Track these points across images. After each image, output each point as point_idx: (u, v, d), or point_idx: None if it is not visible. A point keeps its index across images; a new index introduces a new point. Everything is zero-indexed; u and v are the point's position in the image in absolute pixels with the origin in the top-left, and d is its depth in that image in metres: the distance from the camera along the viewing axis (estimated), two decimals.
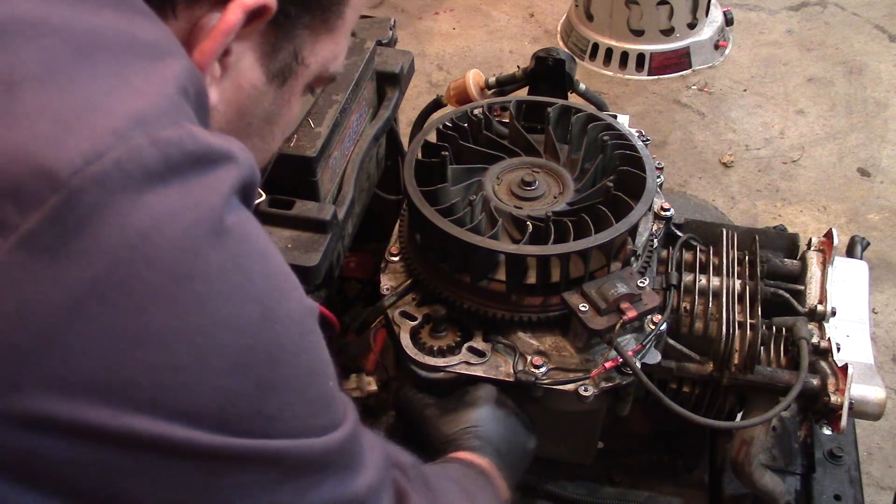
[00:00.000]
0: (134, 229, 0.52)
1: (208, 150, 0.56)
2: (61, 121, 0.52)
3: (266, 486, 0.58)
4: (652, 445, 1.43)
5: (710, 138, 3.12)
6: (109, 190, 0.51)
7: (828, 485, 1.38)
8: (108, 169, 0.51)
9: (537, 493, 1.35)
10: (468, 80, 1.60)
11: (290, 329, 0.60)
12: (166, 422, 0.53)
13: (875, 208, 2.84)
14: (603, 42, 3.43)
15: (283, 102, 0.75)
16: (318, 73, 0.75)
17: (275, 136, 0.79)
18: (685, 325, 1.27)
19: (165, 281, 0.53)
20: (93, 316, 0.51)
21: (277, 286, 0.60)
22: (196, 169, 0.55)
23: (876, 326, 2.44)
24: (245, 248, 0.58)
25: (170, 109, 0.56)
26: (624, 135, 1.28)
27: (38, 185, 0.50)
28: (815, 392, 1.20)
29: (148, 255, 0.52)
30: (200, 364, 0.54)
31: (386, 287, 1.22)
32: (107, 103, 0.54)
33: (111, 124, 0.53)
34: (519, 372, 1.12)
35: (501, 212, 1.19)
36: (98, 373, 0.51)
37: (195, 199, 0.54)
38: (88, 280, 0.51)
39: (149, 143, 0.53)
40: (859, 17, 3.69)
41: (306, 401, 0.61)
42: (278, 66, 0.71)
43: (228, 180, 0.57)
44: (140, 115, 0.54)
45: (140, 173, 0.52)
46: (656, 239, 1.28)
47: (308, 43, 0.72)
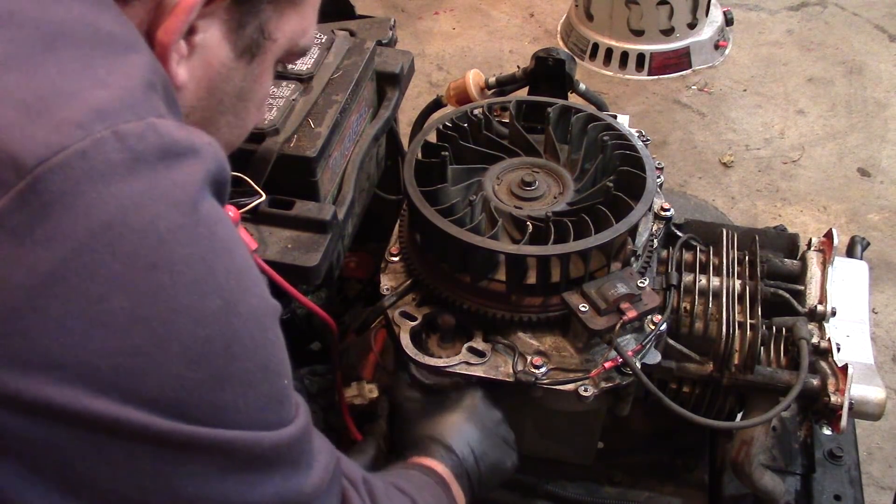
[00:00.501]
0: (98, 217, 0.53)
1: (172, 144, 0.58)
2: (27, 109, 0.54)
3: (215, 476, 0.60)
4: (652, 445, 1.43)
5: (710, 138, 3.12)
6: (74, 179, 0.53)
7: (828, 485, 1.38)
8: (73, 159, 0.53)
9: (537, 493, 1.35)
10: (468, 80, 1.60)
11: (248, 324, 0.61)
12: (123, 405, 0.54)
13: (875, 208, 2.84)
14: (603, 42, 3.43)
15: (254, 78, 0.76)
16: (286, 47, 0.77)
17: (249, 113, 0.80)
18: (685, 325, 1.27)
19: (128, 268, 0.54)
20: (55, 298, 0.53)
21: (240, 281, 0.61)
22: (162, 162, 0.57)
23: (876, 326, 2.44)
24: (210, 242, 0.59)
25: (133, 103, 0.58)
26: (624, 135, 1.28)
27: (4, 171, 0.52)
28: (815, 392, 1.20)
29: (112, 242, 0.54)
30: (159, 351, 0.56)
31: (386, 287, 1.22)
32: (71, 94, 0.56)
33: (75, 117, 0.54)
34: (519, 372, 1.12)
35: (501, 212, 1.19)
36: (59, 354, 0.53)
37: (161, 191, 0.56)
38: (52, 263, 0.52)
39: (111, 135, 0.55)
40: (859, 17, 3.69)
41: (259, 395, 0.62)
42: (246, 42, 0.72)
43: (194, 174, 0.58)
44: (103, 108, 0.56)
45: (104, 165, 0.54)
46: (656, 239, 1.28)
47: (273, 17, 0.73)
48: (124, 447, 0.56)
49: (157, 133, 0.57)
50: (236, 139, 0.82)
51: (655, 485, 1.39)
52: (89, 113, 0.55)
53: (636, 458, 1.42)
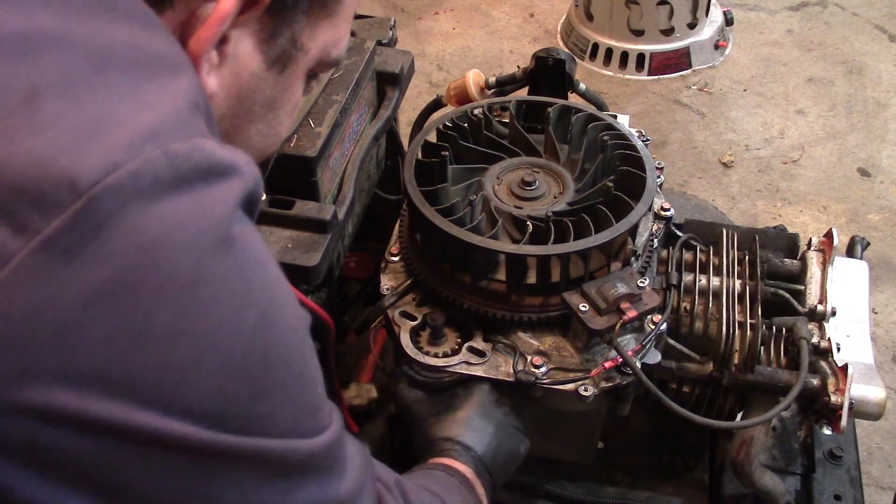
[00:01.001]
0: (145, 235, 0.55)
1: (216, 164, 0.59)
2: (80, 132, 0.55)
3: (253, 483, 0.61)
4: (652, 445, 1.43)
5: (710, 138, 3.12)
6: (124, 198, 0.54)
7: (828, 485, 1.38)
8: (124, 179, 0.54)
9: (537, 493, 1.35)
10: (468, 80, 1.60)
11: (284, 336, 0.63)
12: (166, 417, 0.56)
13: (875, 208, 2.84)
14: (603, 42, 3.43)
15: (285, 88, 0.76)
16: (318, 58, 0.76)
17: (280, 121, 0.80)
18: (685, 325, 1.27)
19: (172, 284, 0.56)
20: (103, 315, 0.54)
21: (275, 295, 0.63)
22: (204, 181, 0.58)
23: (876, 326, 2.44)
24: (247, 258, 0.61)
25: (180, 124, 0.59)
26: (624, 135, 1.28)
27: (60, 193, 0.52)
28: (816, 392, 1.20)
29: (157, 259, 0.55)
30: (200, 364, 0.57)
31: (386, 287, 1.22)
32: (122, 117, 0.57)
33: (127, 137, 0.56)
34: (519, 372, 1.12)
35: (501, 212, 1.19)
36: (104, 368, 0.54)
37: (203, 208, 0.57)
38: (101, 281, 0.54)
39: (161, 155, 0.56)
40: (859, 17, 3.69)
41: (296, 404, 0.64)
42: (277, 53, 0.72)
43: (234, 192, 0.60)
44: (153, 129, 0.57)
45: (152, 183, 0.55)
46: (656, 239, 1.28)
47: (306, 29, 0.73)
48: (167, 457, 0.57)
49: (203, 153, 0.58)
50: (269, 147, 0.82)
51: (655, 485, 1.39)
52: (140, 133, 0.56)
53: (636, 458, 1.42)
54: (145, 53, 0.62)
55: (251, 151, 0.76)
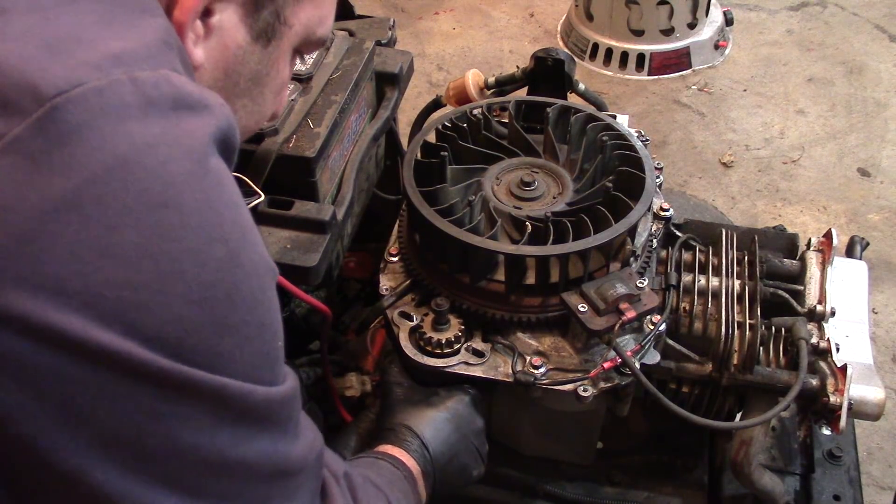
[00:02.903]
0: (113, 152, 0.55)
1: (185, 96, 0.60)
2: (47, 47, 0.56)
3: (209, 423, 0.61)
4: (651, 446, 1.43)
5: (710, 138, 3.12)
6: (91, 113, 0.55)
7: (827, 485, 1.38)
8: (90, 94, 0.55)
9: (537, 493, 1.35)
10: (467, 81, 1.60)
11: (250, 278, 0.63)
12: (125, 338, 0.55)
13: (875, 208, 2.84)
14: (603, 42, 3.43)
15: (271, 63, 0.78)
16: (303, 35, 0.79)
17: (265, 98, 0.82)
18: (684, 325, 1.27)
19: (140, 204, 0.56)
20: (68, 225, 0.54)
21: (245, 235, 0.63)
22: (174, 111, 0.59)
23: (876, 326, 2.44)
24: (220, 193, 0.61)
25: (148, 55, 0.60)
26: (623, 135, 1.28)
27: (23, 99, 0.53)
28: (815, 392, 1.20)
29: (125, 177, 0.55)
30: (164, 288, 0.57)
31: (385, 287, 1.22)
32: (90, 39, 0.58)
33: (93, 59, 0.57)
34: (518, 372, 1.12)
35: (500, 212, 1.19)
36: (66, 279, 0.54)
37: (173, 137, 0.58)
38: (66, 190, 0.54)
39: (127, 80, 0.57)
40: (859, 17, 3.69)
41: (255, 348, 0.64)
42: (262, 26, 0.74)
43: (206, 127, 0.60)
44: (120, 55, 0.58)
45: (119, 104, 0.56)
46: (655, 239, 1.28)
47: (290, 4, 0.75)
48: (124, 382, 0.56)
49: (171, 84, 0.59)
50: (254, 124, 0.84)
51: (655, 485, 1.39)
52: (107, 58, 0.57)
53: (635, 459, 1.42)
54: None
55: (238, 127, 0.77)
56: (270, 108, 0.84)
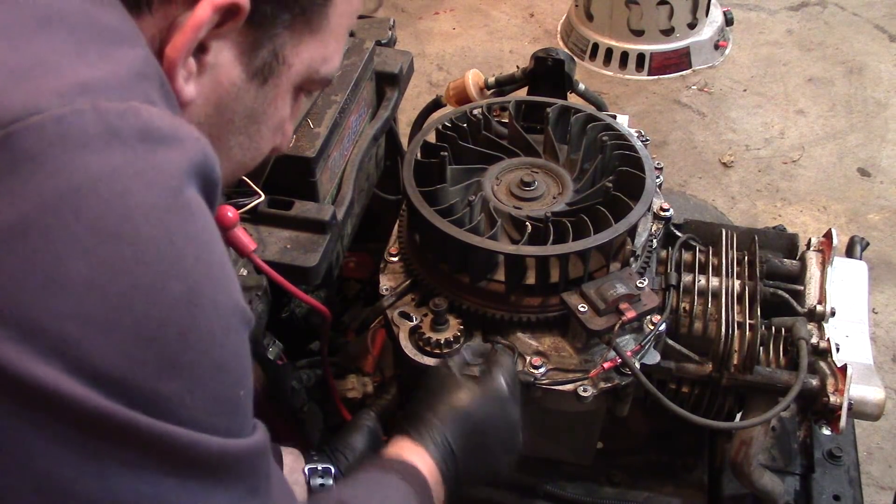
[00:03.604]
0: (67, 181, 0.54)
1: (153, 129, 0.58)
2: (10, 74, 0.55)
3: (149, 473, 0.56)
4: (651, 446, 1.43)
5: (710, 138, 3.12)
6: (47, 141, 0.53)
7: (827, 485, 1.38)
8: (48, 123, 0.54)
9: (537, 493, 1.35)
10: (467, 81, 1.60)
11: (210, 318, 0.59)
12: (65, 374, 0.52)
13: (875, 208, 2.84)
14: (603, 42, 3.43)
15: (268, 101, 0.75)
16: (305, 74, 0.76)
17: (262, 135, 0.79)
18: (684, 325, 1.27)
19: (91, 235, 0.54)
20: (13, 253, 0.52)
21: (210, 274, 0.60)
22: (141, 144, 0.57)
23: (876, 326, 2.44)
24: (184, 228, 0.58)
25: (118, 86, 0.59)
26: (623, 135, 1.28)
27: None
28: (815, 392, 1.20)
29: (78, 206, 0.54)
30: (109, 323, 0.54)
31: (385, 287, 1.22)
32: (56, 68, 0.57)
33: (57, 86, 0.55)
34: (518, 372, 1.12)
35: (500, 212, 1.19)
36: (9, 308, 0.52)
37: (136, 169, 0.56)
38: (14, 218, 0.52)
39: (91, 108, 0.55)
40: (859, 17, 3.69)
41: (209, 394, 0.59)
42: (258, 65, 0.71)
43: (175, 161, 0.58)
44: (87, 84, 0.57)
45: (79, 133, 0.54)
46: (655, 239, 1.28)
47: (289, 43, 0.72)
48: (60, 420, 0.53)
49: (138, 116, 0.57)
50: (250, 161, 0.81)
51: (655, 485, 1.39)
52: (72, 86, 0.56)
53: (635, 459, 1.42)
54: (96, 22, 0.62)
55: (231, 163, 0.75)
56: (269, 145, 0.81)
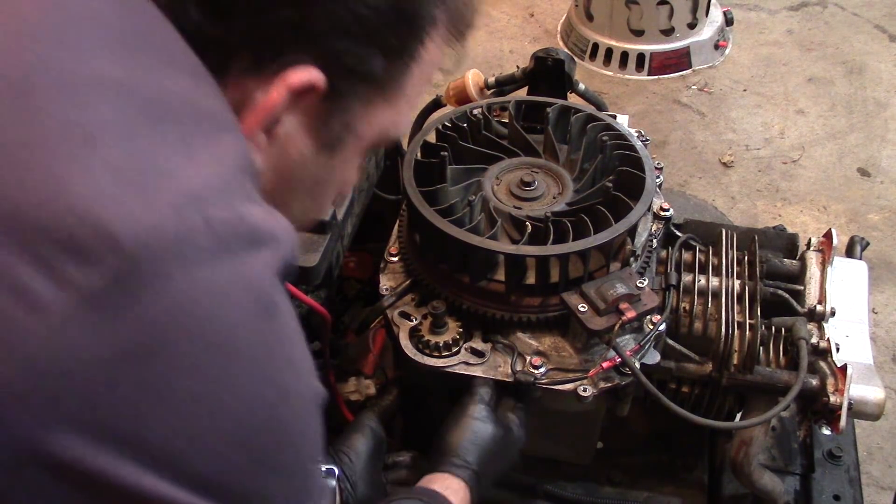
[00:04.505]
0: (181, 301, 0.54)
1: (255, 232, 0.58)
2: (125, 182, 0.54)
3: None
4: (651, 446, 1.43)
5: (710, 138, 3.12)
6: (166, 262, 0.53)
7: (827, 485, 1.38)
8: (167, 243, 0.54)
9: (536, 493, 1.35)
10: (467, 81, 1.60)
11: (298, 414, 0.63)
12: (174, 485, 0.55)
13: (875, 208, 2.84)
14: (603, 42, 3.43)
15: (335, 168, 0.75)
16: (375, 140, 0.75)
17: (326, 196, 0.80)
18: (684, 325, 1.27)
19: (198, 352, 0.55)
20: (130, 374, 0.53)
21: (298, 372, 0.63)
22: (244, 249, 0.57)
23: (876, 326, 2.44)
24: (278, 333, 0.60)
25: (224, 188, 0.58)
26: (623, 135, 1.28)
27: (101, 248, 0.52)
28: (815, 392, 1.20)
29: (188, 326, 0.55)
30: (213, 433, 0.57)
31: (385, 287, 1.22)
32: (169, 173, 0.56)
33: (171, 198, 0.55)
34: (518, 372, 1.12)
35: (500, 212, 1.19)
36: (124, 428, 0.53)
37: (239, 278, 0.57)
38: (133, 341, 0.53)
39: (202, 221, 0.55)
40: (859, 17, 3.69)
41: (296, 485, 0.63)
42: (328, 137, 0.71)
43: (272, 262, 0.59)
44: (197, 192, 0.56)
45: (193, 250, 0.55)
46: (655, 239, 1.28)
47: (361, 114, 0.71)
48: None
49: (244, 221, 0.58)
50: (309, 221, 0.82)
51: (655, 485, 1.39)
52: (185, 196, 0.56)
53: (635, 459, 1.42)
54: (199, 109, 0.61)
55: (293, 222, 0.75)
56: (330, 202, 0.82)
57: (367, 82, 0.69)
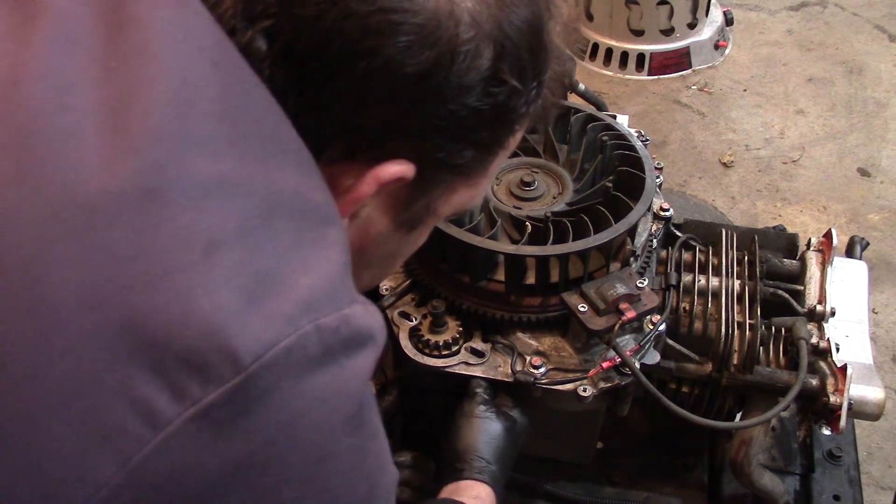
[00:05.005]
0: (288, 412, 0.55)
1: (357, 335, 0.59)
2: (246, 294, 0.54)
3: None
4: (651, 446, 1.43)
5: (710, 138, 3.12)
6: (278, 376, 0.54)
7: (827, 485, 1.38)
8: (280, 357, 0.54)
9: (537, 493, 1.35)
10: None
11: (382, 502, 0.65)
12: None
13: (875, 208, 2.84)
14: (603, 42, 3.43)
15: (411, 244, 0.77)
16: (449, 214, 0.76)
17: (396, 264, 0.82)
18: (684, 325, 1.27)
19: (303, 461, 0.56)
20: (238, 487, 0.54)
21: (382, 465, 0.65)
22: (345, 354, 0.58)
23: (876, 326, 2.44)
24: (368, 431, 0.62)
25: (333, 293, 0.58)
26: (623, 135, 1.28)
27: (223, 366, 0.52)
28: (815, 392, 1.20)
29: (295, 435, 0.55)
30: None
31: (385, 287, 1.22)
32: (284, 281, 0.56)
33: (286, 308, 0.55)
34: (518, 372, 1.12)
35: (500, 212, 1.19)
36: None
37: (341, 382, 0.58)
38: (243, 455, 0.54)
39: (313, 330, 0.55)
40: (859, 17, 3.69)
41: None
42: (409, 217, 0.72)
43: (369, 362, 0.60)
44: (309, 300, 0.56)
45: (304, 361, 0.55)
46: (655, 239, 1.28)
47: (443, 197, 0.72)
48: None
49: (349, 325, 0.58)
50: (374, 285, 0.84)
51: (655, 485, 1.39)
52: (298, 305, 0.56)
53: (635, 459, 1.42)
54: (308, 203, 0.61)
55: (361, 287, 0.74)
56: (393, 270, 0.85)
57: (454, 171, 0.69)
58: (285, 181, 0.60)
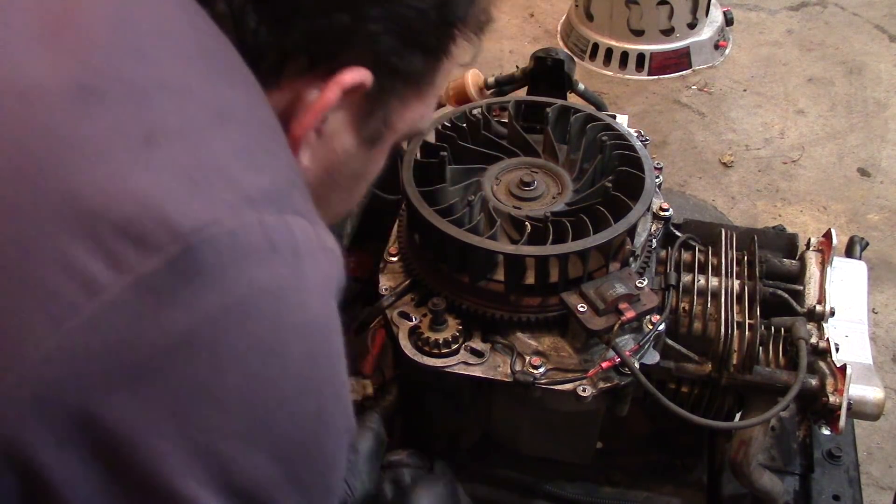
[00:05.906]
0: (234, 295, 0.54)
1: (301, 245, 0.59)
2: (189, 179, 0.55)
3: None
4: (650, 446, 1.43)
5: (710, 138, 3.12)
6: (220, 254, 0.54)
7: (826, 485, 1.38)
8: (223, 235, 0.54)
9: (536, 493, 1.35)
10: (467, 80, 1.60)
11: (331, 438, 0.63)
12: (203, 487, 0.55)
13: (875, 208, 2.84)
14: (603, 42, 3.43)
15: (373, 162, 0.79)
16: (405, 132, 0.79)
17: (361, 189, 0.83)
18: (684, 325, 1.27)
19: (249, 350, 0.55)
20: (177, 363, 0.53)
21: (336, 395, 0.63)
22: (294, 257, 0.58)
23: (876, 326, 2.44)
24: (324, 346, 0.61)
25: (276, 198, 0.59)
26: (623, 135, 1.28)
27: (159, 235, 0.52)
28: (814, 392, 1.20)
29: (241, 321, 0.55)
30: (254, 439, 0.57)
31: (384, 287, 1.22)
32: (231, 173, 0.58)
33: (229, 198, 0.56)
34: (517, 372, 1.12)
35: (500, 212, 1.19)
36: (165, 420, 0.53)
37: (293, 286, 0.58)
38: (184, 330, 0.53)
39: (257, 223, 0.56)
40: (859, 17, 3.69)
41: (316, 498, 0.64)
42: (369, 132, 0.74)
43: (320, 278, 0.60)
44: (252, 198, 0.57)
45: (248, 247, 0.55)
46: (655, 239, 1.28)
47: (398, 109, 0.75)
48: None
49: (291, 232, 0.58)
50: (344, 212, 0.85)
51: (654, 485, 1.39)
52: (242, 198, 0.56)
53: (635, 459, 1.42)
54: (259, 118, 0.63)
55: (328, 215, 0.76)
56: (362, 194, 0.85)
57: (406, 80, 0.72)
58: (236, 98, 0.62)
